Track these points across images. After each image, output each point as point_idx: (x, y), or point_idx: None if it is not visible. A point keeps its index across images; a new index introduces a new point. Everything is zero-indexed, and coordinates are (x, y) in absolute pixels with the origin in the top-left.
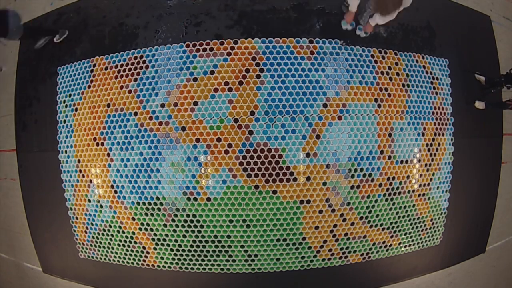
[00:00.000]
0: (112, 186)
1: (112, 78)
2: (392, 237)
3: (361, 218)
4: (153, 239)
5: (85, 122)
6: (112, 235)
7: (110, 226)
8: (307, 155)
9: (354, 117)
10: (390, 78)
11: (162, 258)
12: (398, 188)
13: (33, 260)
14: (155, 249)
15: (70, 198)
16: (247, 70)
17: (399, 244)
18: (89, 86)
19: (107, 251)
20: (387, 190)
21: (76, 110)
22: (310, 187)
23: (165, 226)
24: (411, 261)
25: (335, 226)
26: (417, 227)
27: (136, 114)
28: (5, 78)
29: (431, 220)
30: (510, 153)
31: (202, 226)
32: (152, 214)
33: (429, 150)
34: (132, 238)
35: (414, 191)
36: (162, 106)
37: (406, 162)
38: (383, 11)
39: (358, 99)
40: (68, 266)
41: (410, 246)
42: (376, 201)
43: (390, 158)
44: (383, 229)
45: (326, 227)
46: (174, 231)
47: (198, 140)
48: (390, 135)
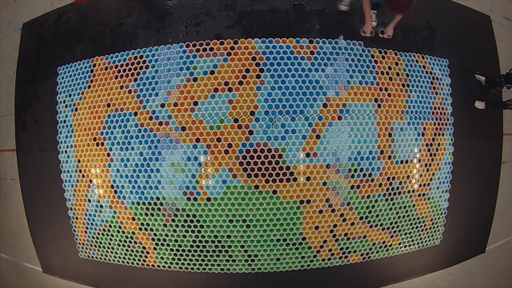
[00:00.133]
0: (112, 186)
1: (112, 78)
2: (392, 237)
3: (361, 218)
4: (153, 239)
5: (85, 122)
6: (112, 235)
7: (110, 226)
8: (307, 155)
9: (354, 117)
10: (390, 78)
11: (162, 258)
12: (398, 188)
13: (33, 260)
14: (155, 249)
15: (70, 198)
16: (247, 70)
17: (399, 244)
18: (89, 86)
19: (107, 251)
20: (387, 190)
21: (76, 110)
22: (310, 187)
23: (165, 226)
24: (411, 261)
25: (335, 226)
26: (417, 227)
27: (136, 114)
28: (5, 78)
29: (431, 220)
30: (510, 153)
31: (202, 226)
32: (152, 214)
33: (429, 150)
34: (132, 238)
35: (414, 191)
36: (162, 106)
37: (406, 162)
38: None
39: (358, 99)
40: (68, 266)
41: (410, 246)
42: (376, 201)
43: (390, 158)
44: (383, 229)
45: (326, 227)
46: (174, 231)
47: (198, 140)
48: (390, 135)
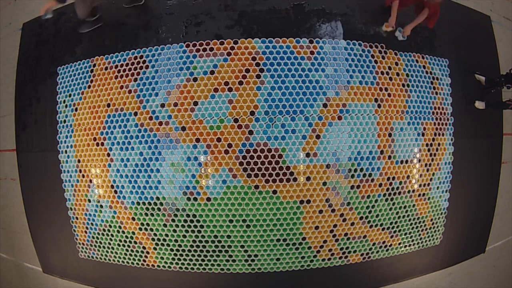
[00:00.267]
0: (112, 186)
1: (112, 78)
2: (392, 237)
3: (361, 218)
4: (153, 239)
5: (85, 122)
6: (112, 235)
7: (110, 226)
8: (307, 155)
9: (354, 117)
10: (390, 78)
11: (162, 258)
12: (398, 188)
13: (33, 260)
14: (155, 249)
15: (70, 198)
16: (247, 70)
17: (399, 244)
18: (89, 86)
19: (107, 251)
20: (387, 190)
21: (76, 110)
22: (310, 187)
23: (165, 226)
24: (411, 261)
25: (335, 226)
26: (417, 227)
27: (136, 114)
28: (5, 78)
29: (431, 220)
30: (510, 153)
31: (202, 226)
32: (152, 214)
33: (429, 150)
34: (132, 238)
35: (414, 191)
36: (162, 106)
37: (406, 162)
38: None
39: (358, 99)
40: (68, 266)
41: (410, 246)
42: (376, 201)
43: (390, 158)
44: (383, 229)
45: (326, 227)
46: (174, 231)
47: (198, 140)
48: (390, 135)
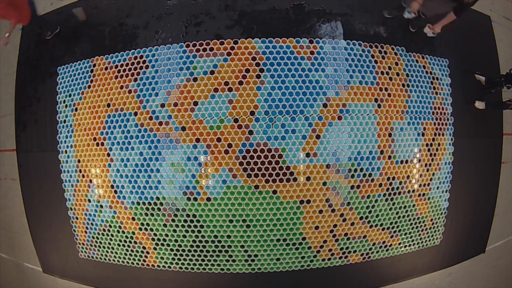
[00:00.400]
0: (112, 186)
1: (112, 78)
2: (392, 237)
3: (361, 218)
4: (153, 239)
5: (85, 122)
6: (112, 235)
7: (110, 226)
8: (307, 155)
9: (354, 117)
10: (390, 78)
11: (162, 258)
12: (398, 188)
13: (33, 260)
14: (155, 249)
15: (70, 198)
16: (247, 70)
17: (399, 244)
18: (89, 86)
19: (107, 251)
20: (387, 190)
21: (76, 110)
22: (310, 187)
23: (165, 226)
24: (411, 261)
25: (335, 226)
26: (417, 227)
27: (136, 114)
28: (5, 78)
29: (431, 220)
30: (510, 153)
31: (202, 226)
32: (152, 214)
33: (429, 150)
34: (132, 238)
35: (414, 191)
36: (162, 106)
37: (406, 162)
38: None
39: (358, 99)
40: (68, 266)
41: (410, 246)
42: (376, 201)
43: (390, 158)
44: (383, 229)
45: (326, 227)
46: (174, 231)
47: (198, 140)
48: (390, 135)
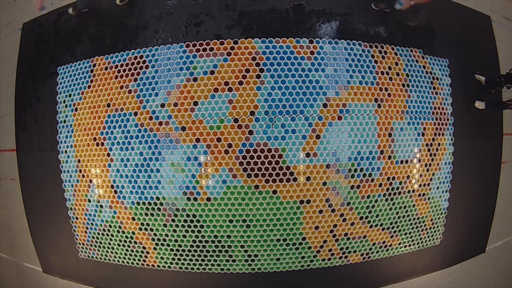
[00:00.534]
0: (112, 186)
1: (112, 78)
2: (392, 237)
3: (361, 218)
4: (153, 239)
5: (85, 122)
6: (112, 235)
7: (110, 226)
8: (307, 155)
9: (354, 117)
10: (390, 78)
11: (162, 258)
12: (398, 188)
13: (33, 260)
14: (155, 249)
15: (70, 198)
16: (247, 70)
17: (399, 244)
18: (89, 86)
19: (107, 251)
20: (387, 190)
21: (76, 110)
22: (310, 187)
23: (165, 226)
24: (411, 261)
25: (335, 226)
26: (417, 227)
27: (136, 114)
28: (5, 78)
29: (431, 220)
30: (510, 153)
31: (202, 226)
32: (152, 214)
33: (429, 150)
34: (132, 238)
35: (414, 191)
36: (162, 106)
37: (406, 162)
38: None
39: (358, 99)
40: (68, 266)
41: (410, 246)
42: (376, 201)
43: (390, 158)
44: (383, 229)
45: (326, 227)
46: (174, 231)
47: (198, 140)
48: (390, 135)
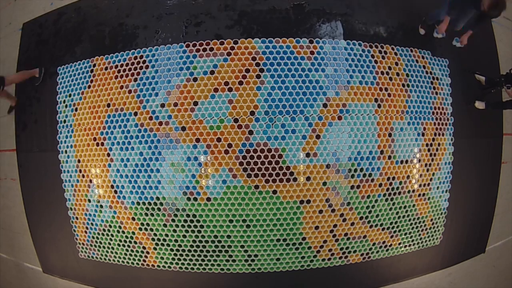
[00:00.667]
0: (112, 186)
1: (112, 78)
2: (392, 237)
3: (361, 218)
4: (153, 239)
5: (85, 122)
6: (112, 235)
7: (110, 226)
8: (307, 155)
9: (354, 117)
10: (390, 78)
11: (162, 258)
12: (398, 188)
13: (33, 260)
14: (155, 249)
15: (70, 198)
16: (247, 70)
17: (399, 244)
18: (89, 86)
19: (107, 251)
20: (387, 190)
21: (76, 110)
22: (310, 187)
23: (165, 226)
24: (411, 261)
25: (335, 226)
26: (417, 227)
27: (136, 114)
28: None
29: (431, 220)
30: (510, 153)
31: (202, 226)
32: (152, 214)
33: (429, 150)
34: (132, 238)
35: (414, 191)
36: (162, 106)
37: (406, 162)
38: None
39: (358, 99)
40: (68, 266)
41: (410, 246)
42: (376, 201)
43: (390, 158)
44: (383, 229)
45: (326, 227)
46: (174, 231)
47: (198, 140)
48: (390, 135)
